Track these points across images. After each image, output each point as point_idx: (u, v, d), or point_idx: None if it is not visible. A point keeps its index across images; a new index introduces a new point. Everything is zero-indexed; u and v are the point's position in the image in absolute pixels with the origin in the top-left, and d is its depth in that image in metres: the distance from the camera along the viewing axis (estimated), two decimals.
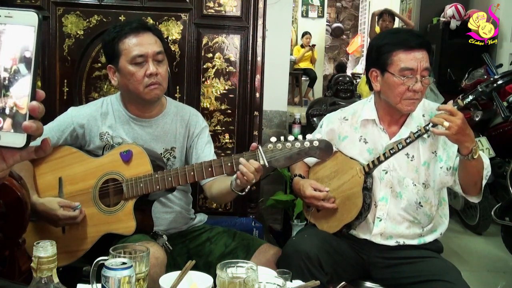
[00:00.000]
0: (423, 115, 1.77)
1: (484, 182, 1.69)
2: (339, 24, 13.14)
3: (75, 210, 1.69)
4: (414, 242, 1.78)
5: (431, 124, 1.63)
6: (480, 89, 1.69)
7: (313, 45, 9.34)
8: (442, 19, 5.82)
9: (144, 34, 1.74)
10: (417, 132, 1.66)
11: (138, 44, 1.72)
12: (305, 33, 9.53)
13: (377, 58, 1.71)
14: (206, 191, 1.85)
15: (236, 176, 1.59)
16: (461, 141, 1.57)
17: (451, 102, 1.62)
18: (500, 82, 1.91)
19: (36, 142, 0.78)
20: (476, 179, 1.67)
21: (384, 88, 1.71)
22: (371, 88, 1.79)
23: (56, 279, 0.94)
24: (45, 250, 0.92)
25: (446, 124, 1.54)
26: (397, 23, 8.15)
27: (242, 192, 1.64)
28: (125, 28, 1.74)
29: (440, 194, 1.80)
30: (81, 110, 1.86)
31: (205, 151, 1.85)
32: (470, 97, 1.67)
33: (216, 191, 1.78)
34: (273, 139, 1.54)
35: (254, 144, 1.59)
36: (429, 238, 1.80)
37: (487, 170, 1.68)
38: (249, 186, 1.63)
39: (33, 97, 0.71)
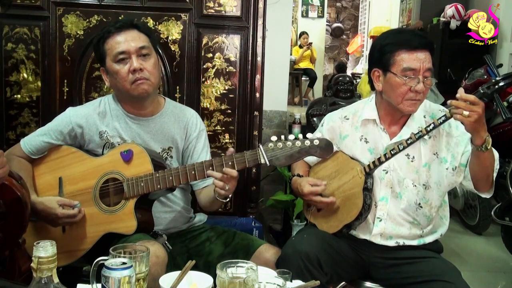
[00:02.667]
0: (424, 116, 1.77)
1: (495, 175, 1.69)
2: (339, 24, 13.14)
3: (74, 209, 1.69)
4: (414, 242, 1.78)
5: (432, 125, 1.63)
6: (482, 91, 1.69)
7: (310, 43, 9.34)
8: (442, 19, 5.83)
9: (127, 31, 1.74)
10: (418, 133, 1.65)
11: (120, 42, 1.72)
12: (302, 33, 9.54)
13: (380, 58, 1.71)
14: (197, 197, 1.89)
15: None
16: (478, 130, 1.56)
17: (461, 89, 1.60)
18: (501, 84, 1.90)
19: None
20: (489, 171, 1.66)
21: (386, 88, 1.71)
22: (373, 88, 1.78)
23: (56, 279, 0.94)
24: (45, 250, 0.92)
25: (466, 113, 1.53)
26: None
27: (225, 200, 1.67)
28: (110, 28, 1.75)
29: (444, 196, 1.80)
30: (79, 110, 1.85)
31: (201, 156, 1.86)
32: None
33: (204, 198, 1.83)
34: (274, 138, 1.55)
35: (231, 149, 1.63)
36: (429, 239, 1.80)
37: (496, 163, 1.69)
38: (230, 194, 1.67)
39: None
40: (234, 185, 1.62)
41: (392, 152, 1.68)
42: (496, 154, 1.68)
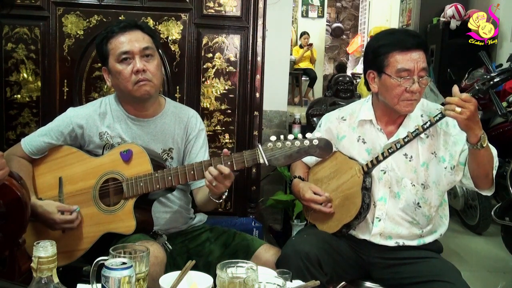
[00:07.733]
0: (422, 115, 1.77)
1: (494, 172, 1.68)
2: (339, 24, 13.14)
3: (73, 213, 1.70)
4: (414, 243, 1.78)
5: (428, 123, 1.63)
6: (477, 87, 1.69)
7: (310, 44, 9.34)
8: (442, 19, 5.83)
9: (131, 32, 1.74)
10: (414, 131, 1.66)
11: (123, 42, 1.72)
12: (303, 33, 9.54)
13: (374, 59, 1.71)
14: (194, 197, 1.90)
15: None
16: (471, 128, 1.56)
17: (456, 87, 1.60)
18: (496, 79, 1.89)
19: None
20: (487, 169, 1.66)
21: (381, 89, 1.71)
22: (369, 89, 1.79)
23: (56, 279, 0.94)
24: (45, 250, 0.92)
25: (458, 109, 1.53)
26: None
27: (219, 200, 1.68)
28: (113, 28, 1.75)
29: (443, 195, 1.80)
30: (80, 110, 1.85)
31: (199, 156, 1.86)
32: None
33: (200, 198, 1.83)
34: (273, 137, 1.54)
35: (225, 150, 1.61)
36: (428, 239, 1.80)
37: (495, 160, 1.68)
38: (225, 194, 1.67)
39: None
40: (228, 185, 1.61)
41: (390, 151, 1.68)
42: (494, 152, 1.68)
